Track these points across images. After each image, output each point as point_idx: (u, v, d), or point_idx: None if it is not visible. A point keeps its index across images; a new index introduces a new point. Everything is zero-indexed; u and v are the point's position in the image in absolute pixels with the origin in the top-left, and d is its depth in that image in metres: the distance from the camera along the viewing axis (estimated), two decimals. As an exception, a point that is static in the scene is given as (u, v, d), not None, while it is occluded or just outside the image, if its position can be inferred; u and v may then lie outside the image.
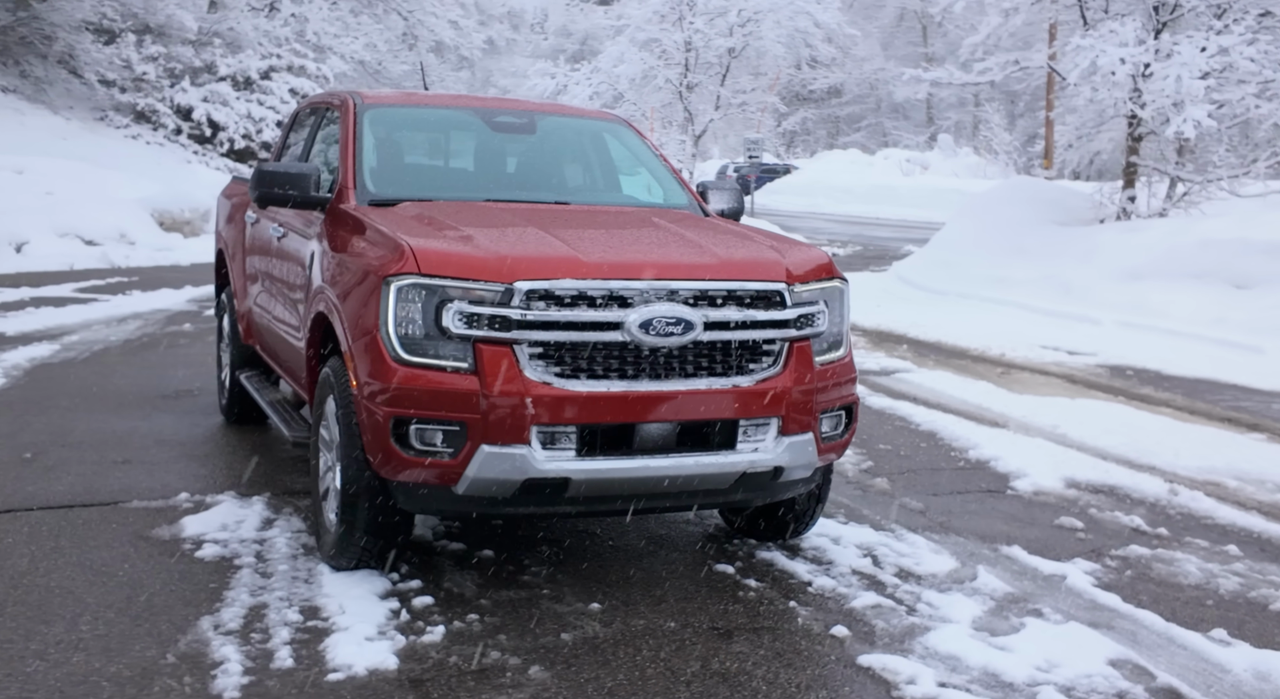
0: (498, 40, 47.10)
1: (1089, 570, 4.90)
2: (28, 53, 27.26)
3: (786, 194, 45.49)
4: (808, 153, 68.00)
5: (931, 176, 47.63)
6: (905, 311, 13.63)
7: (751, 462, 4.22)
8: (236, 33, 28.78)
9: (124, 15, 26.69)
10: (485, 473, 3.88)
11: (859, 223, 35.56)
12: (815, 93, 71.18)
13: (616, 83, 30.20)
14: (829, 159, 54.64)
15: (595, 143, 5.83)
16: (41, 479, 5.37)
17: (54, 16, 25.94)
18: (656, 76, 29.59)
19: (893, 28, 73.90)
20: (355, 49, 32.11)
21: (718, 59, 30.27)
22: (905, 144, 65.98)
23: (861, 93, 72.54)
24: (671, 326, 4.02)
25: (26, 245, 16.24)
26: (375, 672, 3.51)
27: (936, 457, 6.83)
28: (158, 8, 27.11)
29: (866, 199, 42.01)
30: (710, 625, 4.08)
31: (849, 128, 74.15)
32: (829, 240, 28.01)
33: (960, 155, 54.54)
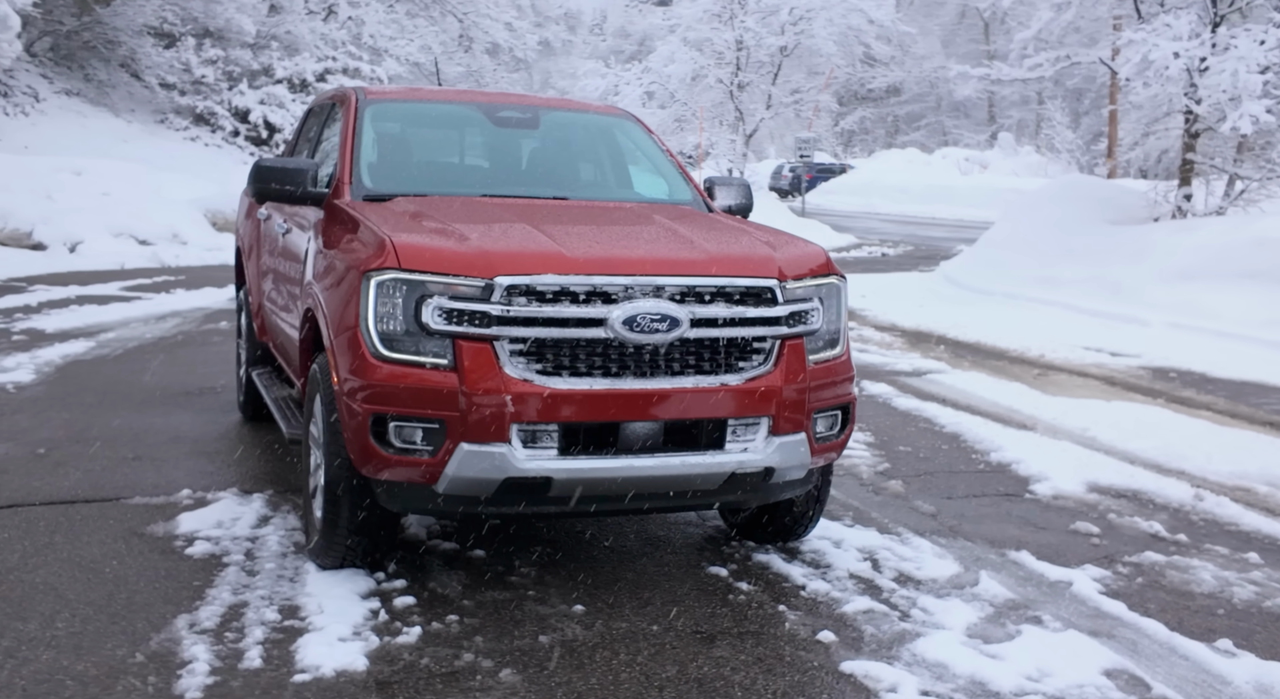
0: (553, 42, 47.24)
1: (1098, 577, 4.75)
2: (91, 57, 27.90)
3: (841, 194, 45.12)
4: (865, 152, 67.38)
5: (990, 176, 46.96)
6: (947, 312, 13.41)
7: (740, 462, 4.13)
8: (294, 36, 29.18)
9: (184, 19, 27.19)
10: (465, 472, 3.83)
11: (913, 223, 35.15)
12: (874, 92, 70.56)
13: (667, 82, 30.11)
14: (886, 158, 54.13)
15: (600, 138, 5.78)
16: (49, 474, 5.43)
17: (117, 21, 26.53)
18: (707, 76, 29.50)
19: (954, 25, 72.98)
20: (410, 51, 32.38)
21: (769, 58, 30.10)
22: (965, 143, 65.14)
23: (921, 91, 71.74)
24: (656, 323, 3.95)
25: (81, 245, 16.57)
26: (343, 673, 3.48)
27: (956, 459, 6.68)
28: (217, 12, 27.60)
29: (922, 199, 41.54)
30: (694, 629, 4.01)
31: (908, 127, 73.37)
32: (880, 240, 27.74)
33: (1021, 154, 53.73)
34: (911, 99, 72.61)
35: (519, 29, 35.07)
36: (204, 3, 27.29)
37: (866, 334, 12.00)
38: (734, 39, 29.08)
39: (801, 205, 31.53)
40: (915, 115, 74.12)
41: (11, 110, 24.40)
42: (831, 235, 27.65)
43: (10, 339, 9.31)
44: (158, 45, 27.02)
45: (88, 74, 27.57)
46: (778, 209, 28.85)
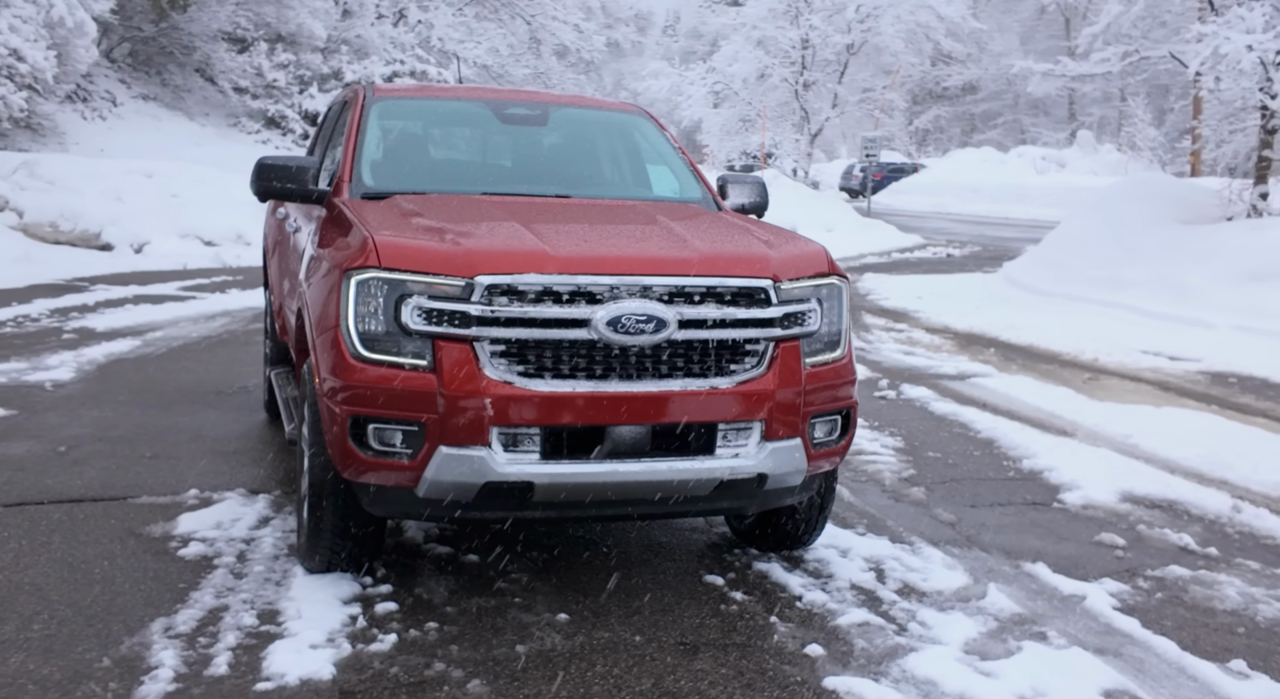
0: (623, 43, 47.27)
1: (1114, 591, 4.55)
2: (168, 62, 28.56)
3: (912, 194, 44.47)
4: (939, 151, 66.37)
5: (1068, 175, 45.93)
6: (1004, 314, 13.09)
7: (731, 468, 4.01)
8: (363, 40, 29.57)
9: (257, 24, 27.71)
10: (443, 475, 3.76)
11: (984, 223, 34.49)
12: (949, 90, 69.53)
13: (731, 82, 29.91)
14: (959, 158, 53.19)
15: (610, 135, 5.69)
16: (64, 473, 5.50)
17: (192, 27, 27.12)
18: (772, 75, 29.26)
19: (1033, 21, 71.59)
20: (478, 54, 32.61)
21: (835, 56, 29.79)
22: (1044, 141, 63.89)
23: (998, 89, 70.46)
24: (642, 324, 3.85)
25: (147, 245, 16.92)
26: (307, 682, 3.43)
27: (986, 466, 6.48)
28: (289, 17, 28.07)
29: (995, 198, 40.76)
30: (678, 640, 3.91)
31: (984, 125, 72.15)
32: (947, 241, 27.27)
33: (1101, 152, 52.48)
34: (988, 97, 71.38)
35: (586, 30, 35.16)
36: (277, 8, 27.78)
37: (916, 336, 11.76)
38: (799, 37, 28.82)
39: (867, 206, 31.11)
40: (992, 113, 72.85)
41: (90, 114, 25.07)
42: (897, 236, 27.28)
43: (60, 338, 9.51)
44: (231, 50, 27.57)
45: (164, 79, 28.23)
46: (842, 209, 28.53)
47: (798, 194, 27.75)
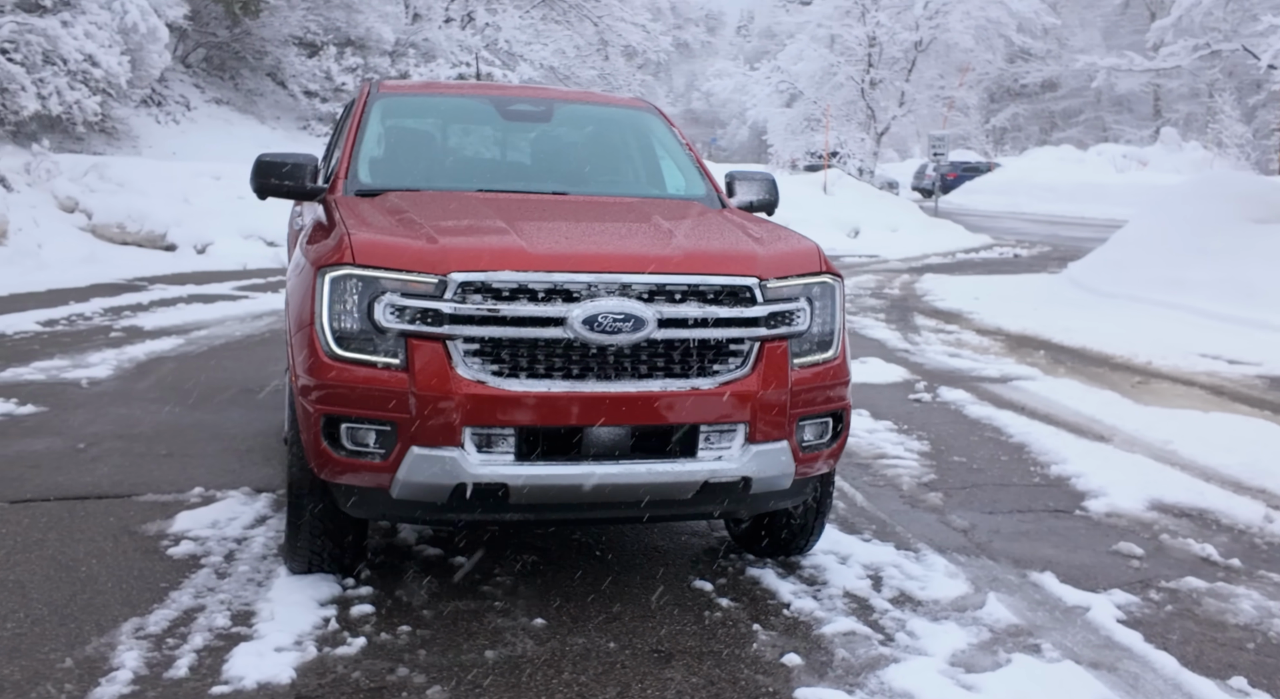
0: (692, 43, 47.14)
1: (1122, 603, 4.37)
2: (241, 66, 29.15)
3: (985, 193, 43.74)
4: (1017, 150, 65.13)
5: (1150, 173, 44.79)
6: (1061, 315, 12.77)
7: (713, 471, 3.92)
8: (431, 43, 29.87)
9: (327, 29, 28.14)
10: (415, 476, 3.72)
11: (1058, 223, 33.79)
12: (1028, 87, 68.21)
13: (796, 81, 29.64)
14: (1036, 156, 52.20)
15: (615, 132, 5.62)
16: (77, 470, 5.58)
17: (264, 32, 27.64)
18: (837, 73, 28.92)
19: (1116, 16, 69.91)
20: (545, 56, 32.75)
21: (903, 53, 29.34)
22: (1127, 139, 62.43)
23: (1079, 85, 68.84)
24: (619, 323, 3.77)
25: (210, 246, 17.27)
26: (265, 686, 3.40)
27: (1012, 471, 6.29)
28: (359, 21, 28.47)
29: (1072, 198, 39.93)
30: (654, 648, 3.82)
31: (1064, 123, 70.66)
32: (1017, 241, 26.75)
33: (1185, 150, 51.09)
34: (1069, 94, 69.87)
35: (653, 31, 35.10)
36: (346, 13, 28.20)
37: (965, 338, 11.51)
38: (866, 34, 28.45)
39: (935, 205, 30.60)
40: (1073, 111, 71.33)
41: (163, 118, 25.68)
42: (964, 236, 26.83)
43: (108, 336, 9.71)
44: (301, 54, 28.05)
45: (237, 83, 28.82)
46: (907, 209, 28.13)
47: (861, 194, 27.41)
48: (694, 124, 78.50)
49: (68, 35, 20.01)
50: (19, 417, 6.69)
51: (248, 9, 25.65)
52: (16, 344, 9.21)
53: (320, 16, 27.84)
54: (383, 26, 28.30)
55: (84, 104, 20.39)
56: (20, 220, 15.47)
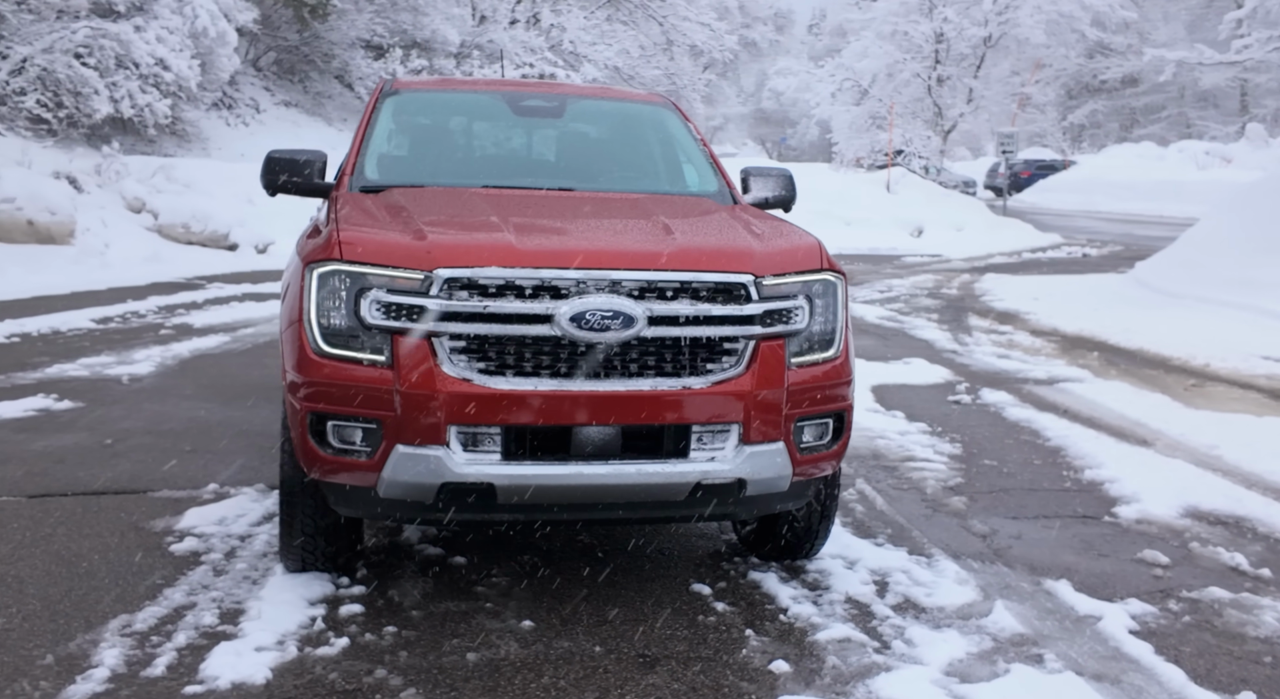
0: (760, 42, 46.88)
1: (1137, 613, 4.20)
2: (310, 69, 29.63)
3: (1060, 192, 42.85)
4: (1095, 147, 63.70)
5: (1233, 170, 43.46)
6: (1121, 316, 12.41)
7: (705, 472, 3.83)
8: (495, 44, 30.07)
9: (392, 32, 28.49)
10: (400, 475, 3.68)
11: (1134, 221, 32.96)
12: (1107, 83, 66.65)
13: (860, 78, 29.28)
14: (1114, 154, 50.99)
15: (628, 127, 5.55)
16: (99, 465, 5.67)
17: (332, 35, 28.07)
18: (903, 70, 28.50)
19: (1201, 9, 68.00)
20: (609, 56, 32.79)
21: (971, 49, 28.82)
22: (1211, 135, 60.68)
23: (1161, 81, 67.10)
24: (608, 320, 3.70)
25: (271, 246, 17.56)
26: (239, 686, 3.38)
27: (1043, 476, 6.11)
28: (424, 24, 28.78)
29: (1150, 196, 38.92)
30: (640, 652, 3.75)
31: (1145, 119, 68.88)
32: (1088, 240, 26.15)
33: (1272, 146, 49.46)
34: (1150, 89, 68.05)
35: (718, 30, 34.96)
36: (413, 15, 28.51)
37: (1018, 339, 11.25)
38: (933, 30, 27.99)
39: (1003, 204, 30.03)
40: (1154, 107, 69.50)
41: (233, 121, 26.19)
42: (1032, 235, 26.30)
43: (157, 334, 9.90)
44: (368, 57, 28.43)
45: (306, 86, 29.30)
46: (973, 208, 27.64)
47: (926, 192, 27.01)
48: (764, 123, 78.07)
49: (140, 40, 20.49)
50: (55, 412, 6.82)
51: (316, 13, 26.05)
52: (69, 341, 9.42)
53: (387, 19, 28.18)
54: (448, 28, 28.56)
55: (155, 107, 20.86)
56: (88, 221, 15.88)
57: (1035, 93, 34.79)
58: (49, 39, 19.30)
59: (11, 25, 19.43)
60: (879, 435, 6.91)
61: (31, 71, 19.28)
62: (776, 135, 78.90)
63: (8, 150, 17.91)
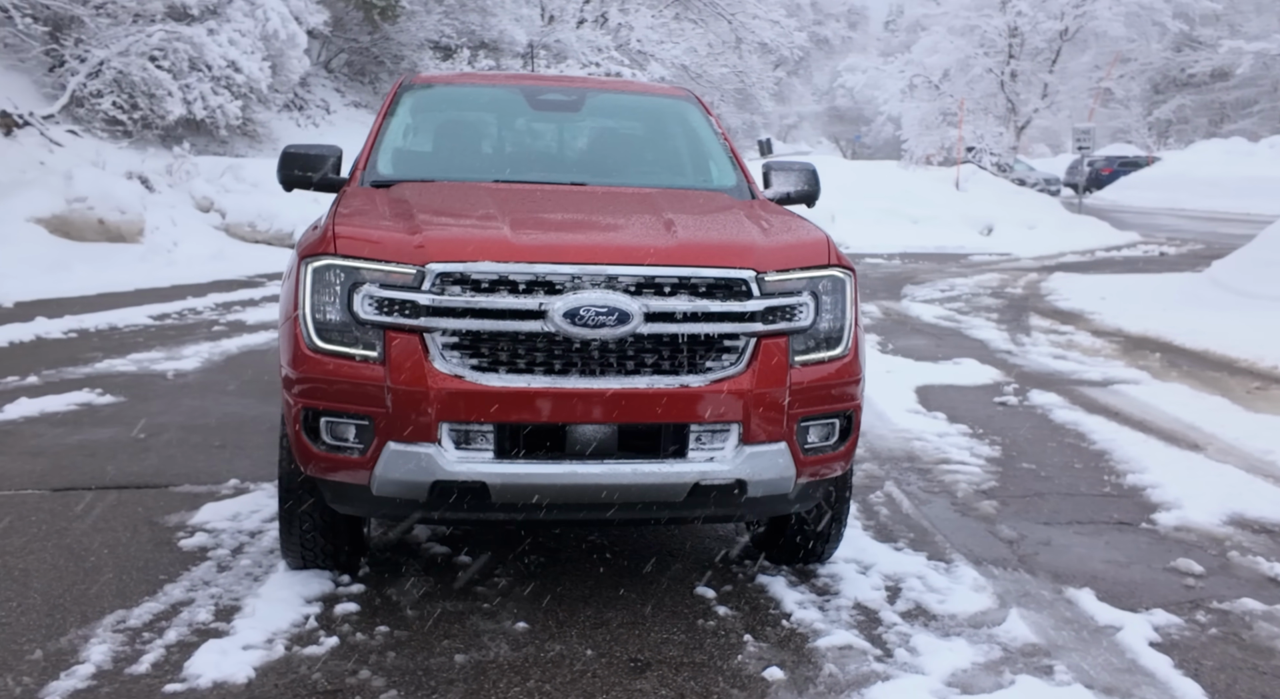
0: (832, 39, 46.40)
1: (1161, 624, 4.02)
2: (380, 71, 29.99)
3: (1142, 189, 41.76)
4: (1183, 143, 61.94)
5: (1326, 166, 41.98)
6: (1190, 317, 12.00)
7: (704, 472, 3.73)
8: (562, 44, 30.18)
9: (460, 33, 28.72)
10: (391, 473, 3.63)
11: (1217, 219, 31.99)
12: (1195, 76, 64.78)
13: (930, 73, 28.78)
14: (1201, 150, 49.49)
15: (647, 121, 5.46)
16: (128, 459, 5.73)
17: (401, 37, 28.39)
18: (974, 65, 27.95)
19: (1295, 0, 65.78)
20: (676, 54, 32.69)
21: (1046, 43, 28.16)
22: (1308, 130, 58.61)
23: (1253, 74, 65.06)
24: (602, 316, 3.62)
25: (335, 245, 17.75)
26: (220, 685, 3.35)
27: (1082, 480, 5.90)
28: (492, 24, 28.98)
29: (1237, 194, 37.73)
30: (632, 657, 3.66)
31: (1236, 114, 66.82)
32: (1167, 238, 25.42)
33: (1368, 141, 47.66)
34: (1242, 83, 65.95)
35: (786, 26, 34.64)
36: (481, 16, 28.73)
37: (1079, 339, 10.94)
38: (1006, 24, 27.41)
39: (1079, 201, 29.31)
40: (1246, 101, 67.35)
41: (304, 121, 26.60)
42: (1108, 233, 25.65)
43: (210, 330, 10.05)
44: (436, 57, 28.67)
45: (375, 87, 29.66)
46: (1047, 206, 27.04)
47: (997, 190, 26.48)
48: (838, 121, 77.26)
49: (212, 43, 20.91)
50: (96, 406, 6.94)
51: (385, 14, 26.37)
52: (124, 337, 9.61)
53: (455, 20, 28.42)
54: (515, 29, 28.71)
55: (226, 108, 21.27)
56: (158, 219, 16.22)
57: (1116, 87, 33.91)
58: (125, 42, 19.77)
59: (89, 30, 19.93)
60: (916, 437, 6.74)
61: (108, 74, 19.77)
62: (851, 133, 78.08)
63: (83, 151, 18.39)
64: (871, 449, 6.46)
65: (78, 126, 19.64)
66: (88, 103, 19.85)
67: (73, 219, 15.21)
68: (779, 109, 63.03)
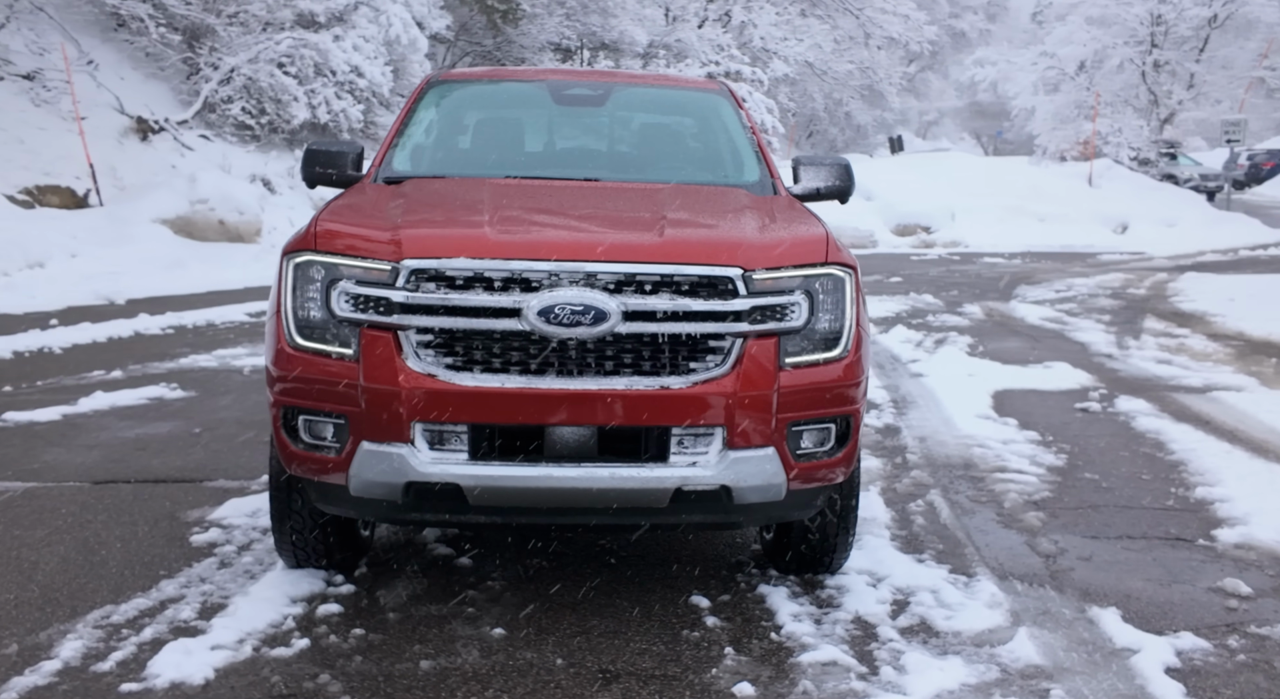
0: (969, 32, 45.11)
1: (1184, 649, 3.72)
2: (505, 74, 30.40)
3: (1302, 184, 39.39)
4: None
5: None
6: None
7: (685, 477, 3.59)
8: (683, 43, 30.09)
9: (580, 34, 28.91)
10: (365, 473, 3.59)
11: (1381, 215, 29.90)
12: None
13: (1064, 65, 27.66)
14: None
15: (673, 116, 5.32)
16: (176, 453, 5.87)
17: (523, 40, 28.74)
18: (1112, 56, 26.74)
19: None
20: (799, 51, 32.25)
21: (1193, 32, 26.77)
22: None
23: None
24: (578, 315, 3.51)
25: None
26: (177, 686, 3.33)
27: (1145, 492, 5.54)
28: (613, 25, 29.08)
29: None
30: (602, 668, 3.54)
31: None
32: (1317, 236, 23.88)
33: None
34: None
35: (915, 20, 33.82)
36: (601, 18, 28.86)
37: (1191, 343, 10.33)
38: (1148, 12, 26.15)
39: (1226, 197, 27.76)
40: None
41: (429, 125, 27.15)
42: (1258, 231, 24.32)
43: (299, 328, 10.29)
44: (555, 59, 28.93)
45: (501, 90, 30.13)
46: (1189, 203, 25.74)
47: (1134, 186, 25.32)
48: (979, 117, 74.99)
49: (337, 49, 21.49)
50: (167, 400, 7.16)
51: (507, 18, 26.73)
52: (217, 333, 9.92)
53: (576, 23, 28.62)
54: (636, 29, 28.75)
55: (349, 112, 21.83)
56: (275, 220, 16.78)
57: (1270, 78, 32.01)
58: (255, 50, 20.49)
59: (222, 39, 20.74)
60: (978, 444, 6.44)
61: (238, 81, 20.53)
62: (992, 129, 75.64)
63: (212, 155, 19.13)
64: (927, 456, 6.19)
65: (209, 131, 20.45)
66: (219, 108, 20.65)
67: (195, 220, 15.85)
68: (917, 105, 61.59)
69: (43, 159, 17.17)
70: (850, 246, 22.80)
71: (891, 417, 7.18)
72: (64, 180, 16.99)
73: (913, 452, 6.30)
